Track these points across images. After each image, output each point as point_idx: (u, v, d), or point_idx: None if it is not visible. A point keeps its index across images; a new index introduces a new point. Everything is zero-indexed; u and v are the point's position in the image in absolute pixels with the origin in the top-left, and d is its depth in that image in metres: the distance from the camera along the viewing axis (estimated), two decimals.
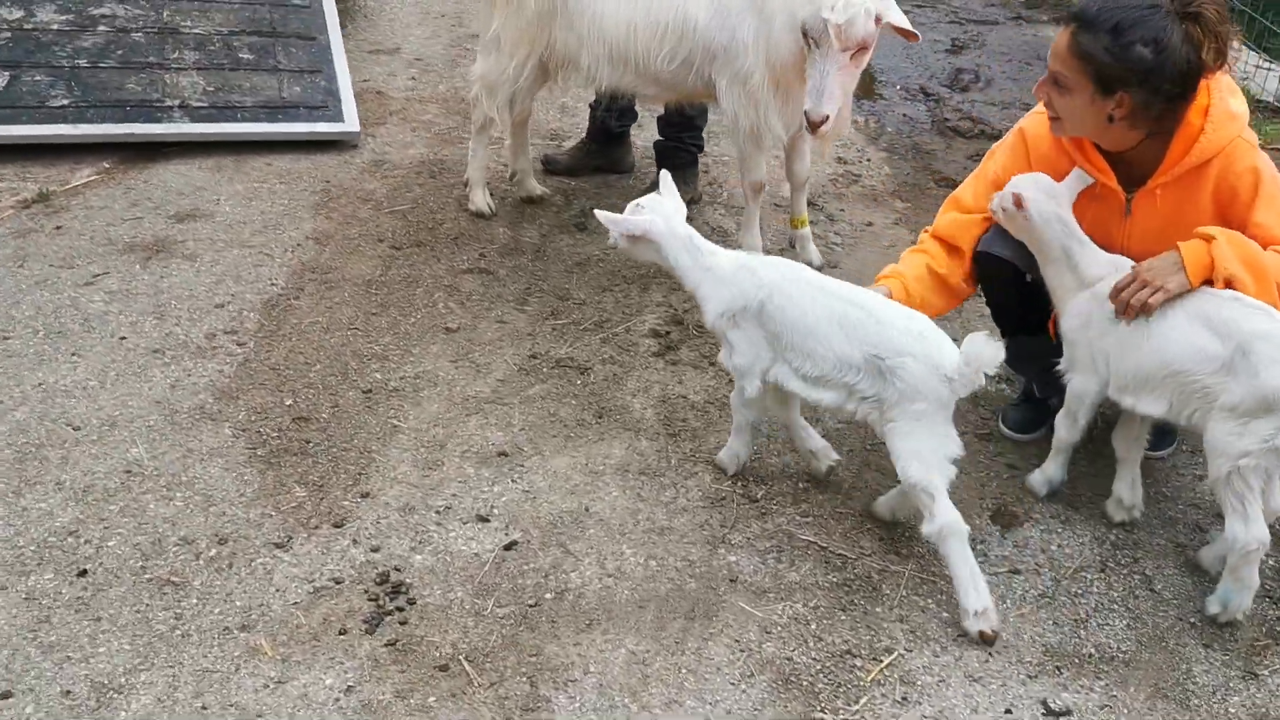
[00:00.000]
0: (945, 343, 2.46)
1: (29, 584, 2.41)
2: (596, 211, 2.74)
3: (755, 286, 2.63)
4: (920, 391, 2.42)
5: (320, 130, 4.65)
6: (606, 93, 3.91)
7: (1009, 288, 2.92)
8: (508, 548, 2.61)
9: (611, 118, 4.51)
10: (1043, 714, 2.25)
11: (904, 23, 3.30)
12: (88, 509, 2.64)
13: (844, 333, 2.51)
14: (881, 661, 2.35)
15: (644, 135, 4.77)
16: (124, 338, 3.31)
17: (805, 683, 2.29)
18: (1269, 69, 5.47)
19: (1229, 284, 2.44)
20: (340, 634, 2.33)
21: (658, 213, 2.72)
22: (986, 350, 2.35)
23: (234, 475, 2.79)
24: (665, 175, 2.87)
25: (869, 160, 4.98)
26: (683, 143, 4.32)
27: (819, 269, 3.90)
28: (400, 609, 2.40)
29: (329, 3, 5.30)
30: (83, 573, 2.45)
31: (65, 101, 4.43)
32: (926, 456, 2.44)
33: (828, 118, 3.27)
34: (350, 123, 4.70)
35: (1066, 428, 2.74)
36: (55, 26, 4.73)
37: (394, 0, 6.64)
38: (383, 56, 5.82)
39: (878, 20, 3.24)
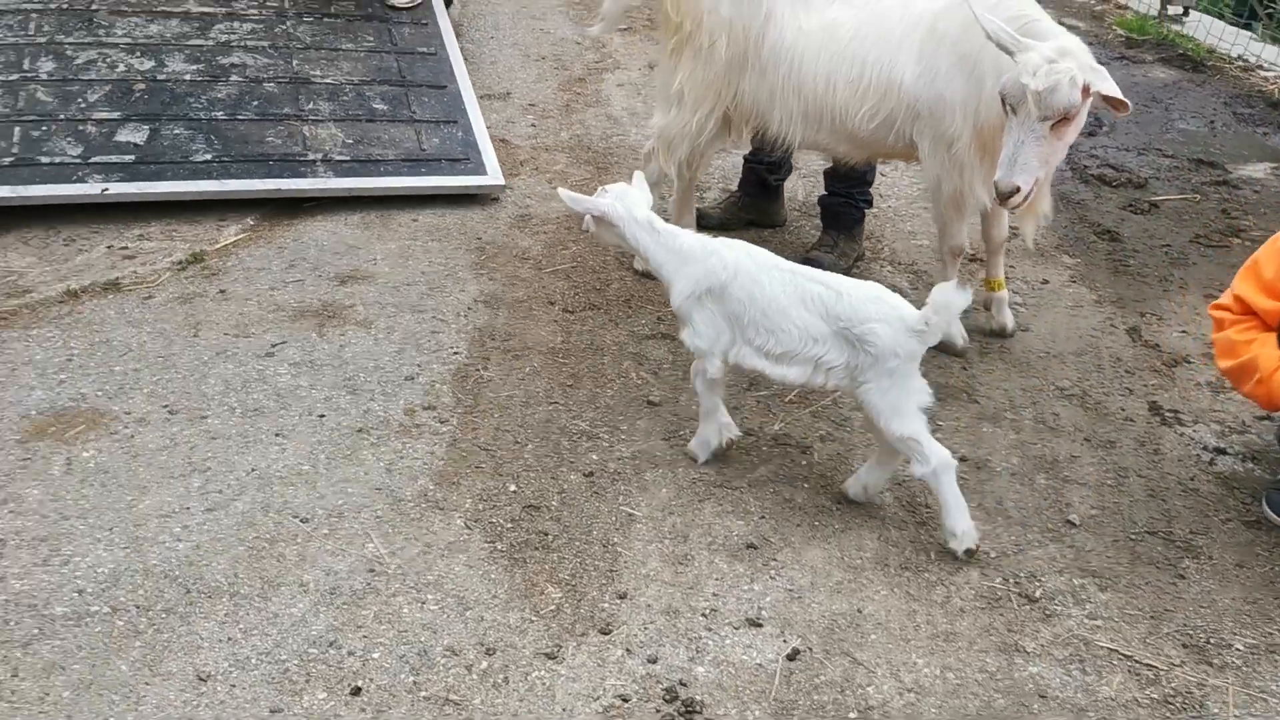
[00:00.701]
0: (901, 303, 2.69)
1: (305, 705, 2.24)
2: (560, 190, 2.92)
3: (720, 267, 2.79)
4: (893, 350, 2.62)
5: (466, 184, 4.51)
6: (796, 148, 3.76)
7: None
8: (791, 657, 2.45)
9: (768, 170, 4.37)
10: None
11: (1115, 92, 3.04)
12: (340, 614, 2.47)
13: (807, 308, 2.69)
14: None
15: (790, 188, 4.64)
16: (323, 415, 3.15)
17: None
18: None
19: None
20: None
21: (619, 199, 2.88)
22: (956, 298, 2.59)
23: (480, 574, 2.63)
24: (637, 174, 3.02)
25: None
26: (853, 199, 4.18)
27: (1011, 334, 3.77)
28: None
29: (454, 50, 5.16)
30: (356, 691, 2.29)
31: (208, 156, 4.28)
32: (904, 409, 2.65)
33: (1018, 189, 3.09)
34: (494, 175, 4.55)
35: None
36: (188, 77, 4.59)
37: (491, 44, 6.50)
38: (496, 102, 5.68)
39: (1085, 90, 3.04)
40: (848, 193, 4.18)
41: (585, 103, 5.77)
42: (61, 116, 4.26)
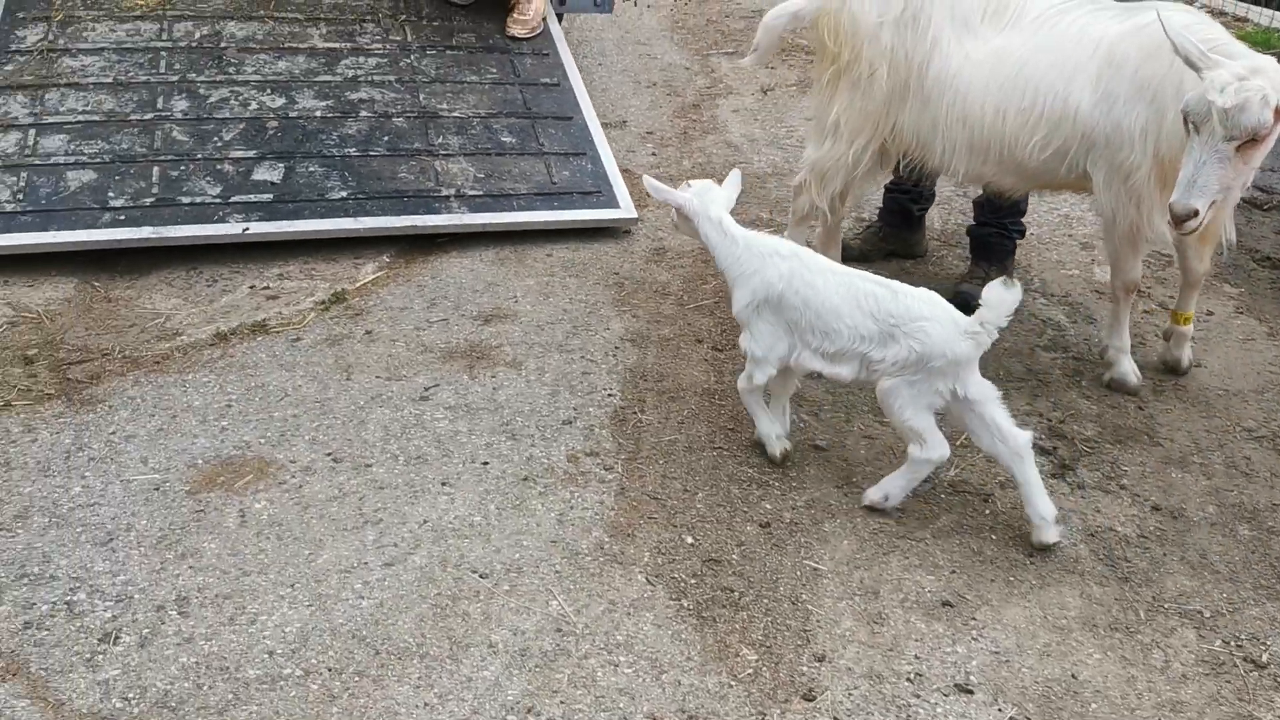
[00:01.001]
0: (952, 308, 2.75)
1: None
2: (645, 177, 3.03)
3: (776, 277, 2.86)
4: (941, 351, 2.67)
5: (599, 217, 4.43)
6: (959, 180, 3.63)
7: None
8: None
9: (911, 200, 4.24)
10: None
11: None
12: (534, 678, 2.38)
13: (859, 307, 2.76)
14: None
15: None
16: (486, 463, 3.07)
17: None
18: None
19: None
20: None
21: (699, 194, 2.96)
22: (1007, 295, 2.62)
23: (669, 634, 2.52)
24: (734, 173, 3.07)
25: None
26: (1005, 229, 4.04)
27: (1185, 370, 3.59)
28: None
29: (577, 80, 5.10)
30: None
31: (343, 194, 4.26)
32: (920, 404, 2.75)
33: (1195, 213, 2.92)
34: (626, 208, 4.48)
35: None
36: (319, 114, 4.57)
37: (600, 71, 6.45)
38: (613, 131, 5.60)
39: (1277, 112, 2.88)
40: (1000, 222, 4.03)
41: (702, 130, 5.68)
42: (199, 156, 4.27)
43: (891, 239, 4.35)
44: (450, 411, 3.28)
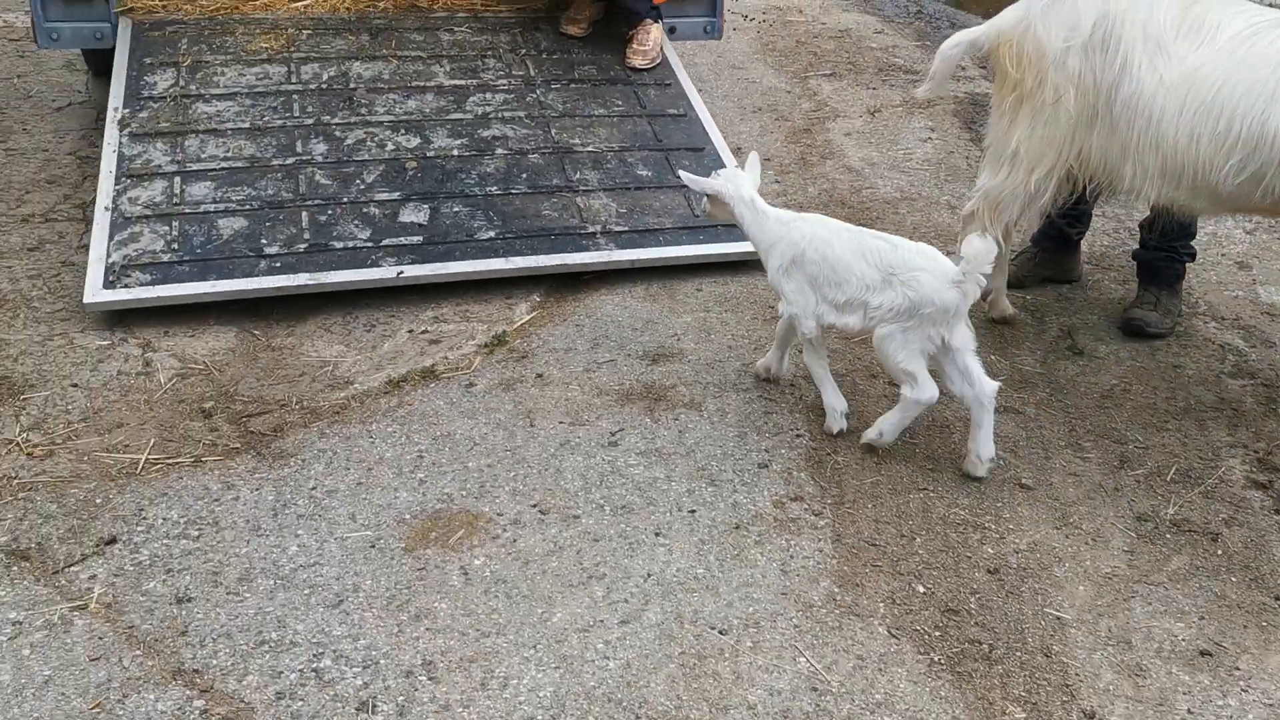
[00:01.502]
0: (947, 261, 2.99)
1: None
2: (680, 171, 3.47)
3: (799, 237, 3.20)
4: (930, 299, 2.92)
5: (747, 250, 4.35)
6: (1150, 205, 3.54)
7: None
8: None
9: (1069, 224, 4.15)
10: None
11: None
12: None
13: (865, 259, 3.04)
14: None
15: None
16: (693, 511, 3.00)
17: None
18: None
19: None
20: None
21: (729, 180, 3.38)
22: (983, 247, 2.87)
23: (928, 691, 2.44)
24: (753, 155, 3.47)
25: None
26: (1175, 253, 3.94)
27: None
28: None
29: (703, 110, 5.05)
30: None
31: (491, 233, 4.21)
32: (913, 349, 3.01)
33: None
34: None
35: None
36: (455, 153, 4.54)
37: (702, 97, 6.35)
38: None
39: None
40: (1169, 246, 3.94)
41: (819, 155, 5.62)
42: (344, 199, 4.24)
43: (1047, 264, 4.26)
44: (643, 457, 3.22)
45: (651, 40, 5.22)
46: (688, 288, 4.24)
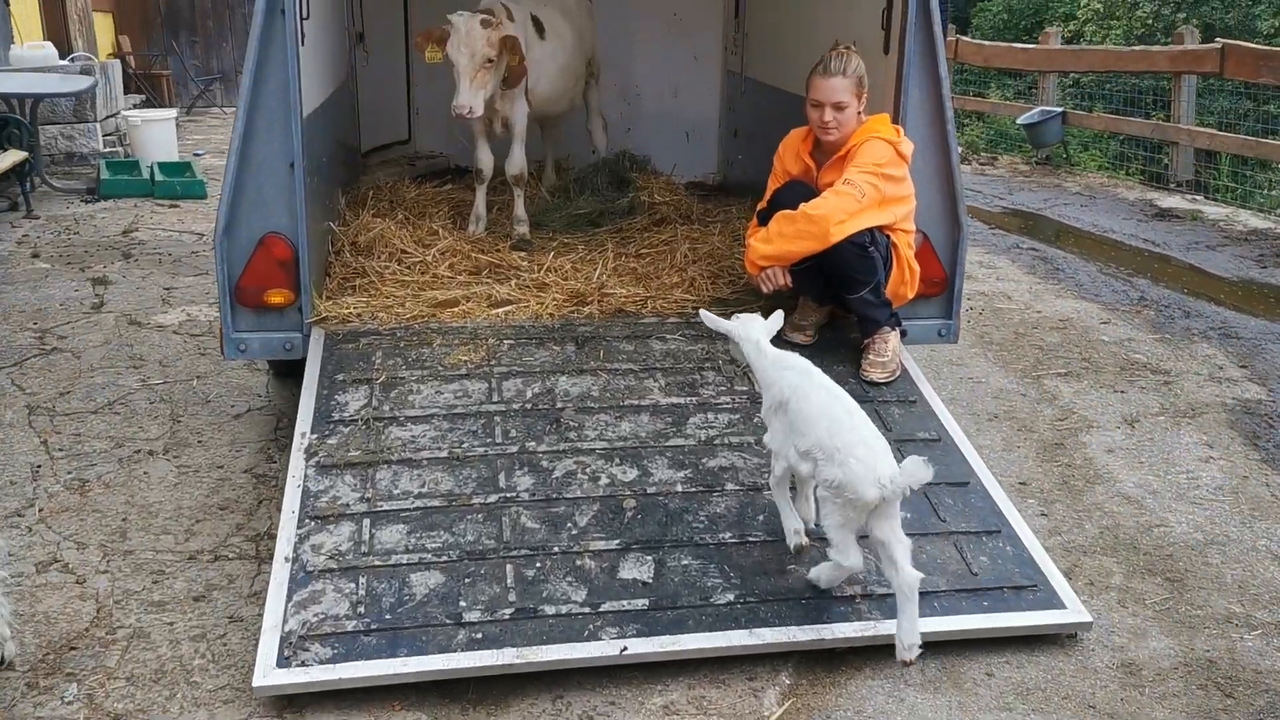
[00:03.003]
0: (888, 462, 3.14)
1: None
2: (701, 311, 3.73)
3: (786, 386, 3.42)
4: (852, 487, 3.12)
5: (1044, 622, 3.52)
6: None
7: None
8: None
9: None
10: None
11: None
12: None
13: (825, 426, 3.24)
14: None
15: None
16: None
17: None
18: None
19: None
20: None
21: (744, 324, 3.62)
22: (920, 471, 3.02)
23: None
24: (778, 314, 3.69)
25: None
26: None
27: None
28: None
29: (958, 433, 4.34)
30: None
31: (730, 596, 3.48)
32: (846, 526, 3.23)
33: None
34: (1074, 609, 3.56)
35: None
36: (679, 488, 3.89)
37: None
38: None
39: None
40: None
41: (1083, 479, 4.80)
42: (555, 549, 3.59)
43: None
44: None
45: (890, 350, 4.60)
46: (974, 670, 3.38)
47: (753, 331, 3.60)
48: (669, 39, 7.95)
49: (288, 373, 5.44)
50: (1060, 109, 13.28)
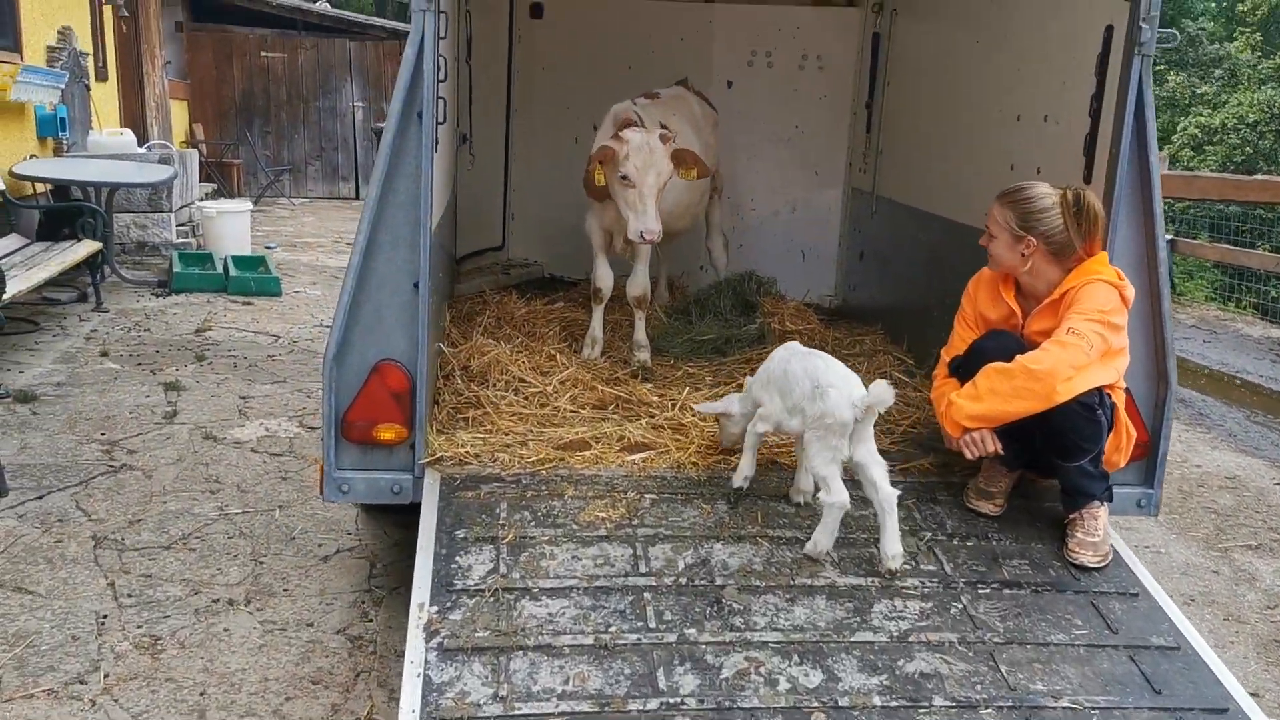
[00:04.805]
0: (860, 387, 3.49)
1: None
2: (695, 406, 4.25)
3: (773, 362, 3.84)
4: (832, 412, 3.44)
5: None
6: None
7: None
8: None
9: None
10: None
11: None
12: None
13: (805, 373, 3.60)
14: None
15: None
16: None
17: None
18: None
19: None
20: None
21: (730, 406, 4.02)
22: (884, 394, 3.37)
23: None
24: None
25: None
26: None
27: None
28: None
29: (1196, 639, 3.60)
30: None
31: None
32: (826, 456, 3.51)
33: None
34: None
35: None
36: (876, 701, 3.19)
37: None
38: None
39: None
40: None
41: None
42: None
43: None
44: None
45: (1101, 528, 3.89)
46: None
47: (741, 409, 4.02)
48: (789, 153, 7.46)
49: (380, 509, 4.83)
50: (1170, 237, 12.67)
